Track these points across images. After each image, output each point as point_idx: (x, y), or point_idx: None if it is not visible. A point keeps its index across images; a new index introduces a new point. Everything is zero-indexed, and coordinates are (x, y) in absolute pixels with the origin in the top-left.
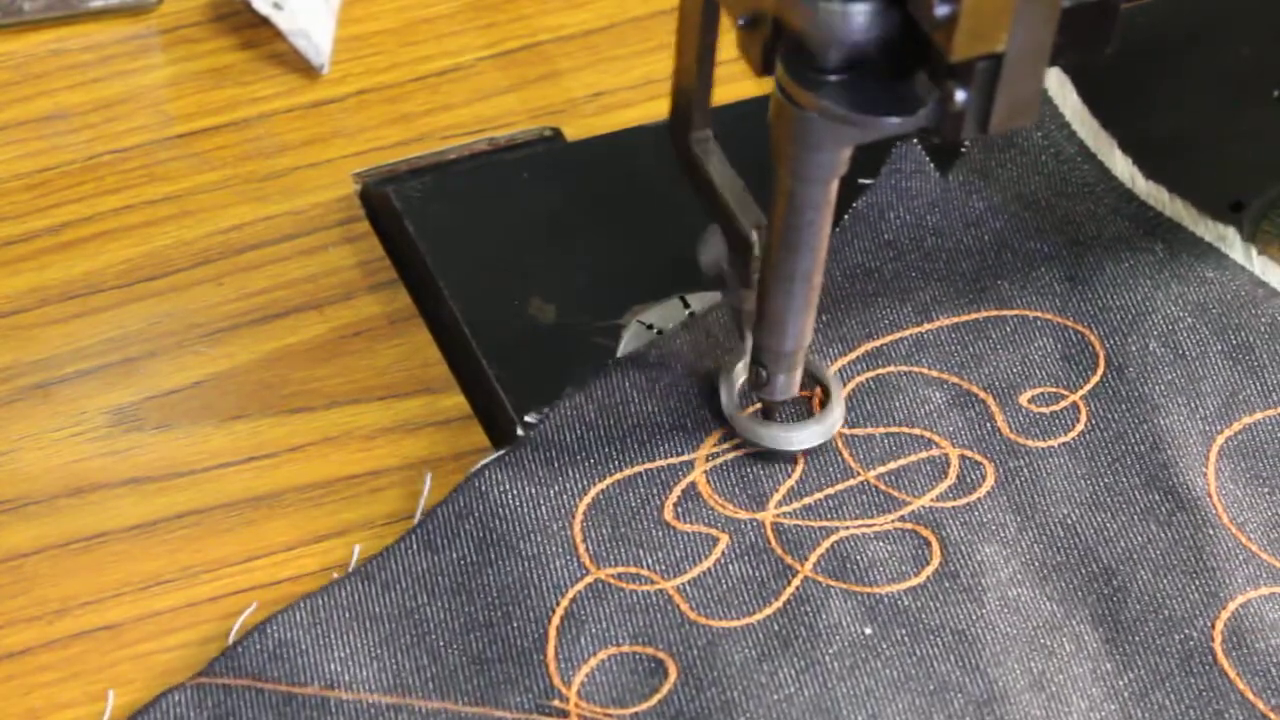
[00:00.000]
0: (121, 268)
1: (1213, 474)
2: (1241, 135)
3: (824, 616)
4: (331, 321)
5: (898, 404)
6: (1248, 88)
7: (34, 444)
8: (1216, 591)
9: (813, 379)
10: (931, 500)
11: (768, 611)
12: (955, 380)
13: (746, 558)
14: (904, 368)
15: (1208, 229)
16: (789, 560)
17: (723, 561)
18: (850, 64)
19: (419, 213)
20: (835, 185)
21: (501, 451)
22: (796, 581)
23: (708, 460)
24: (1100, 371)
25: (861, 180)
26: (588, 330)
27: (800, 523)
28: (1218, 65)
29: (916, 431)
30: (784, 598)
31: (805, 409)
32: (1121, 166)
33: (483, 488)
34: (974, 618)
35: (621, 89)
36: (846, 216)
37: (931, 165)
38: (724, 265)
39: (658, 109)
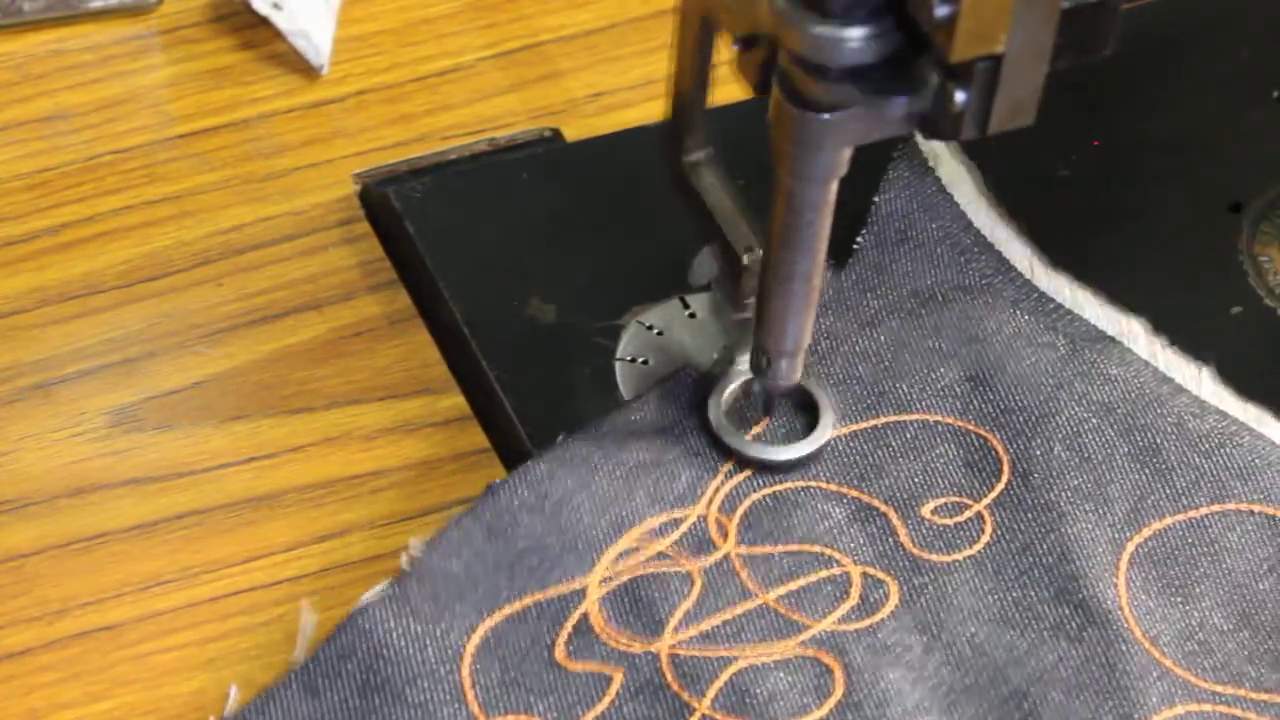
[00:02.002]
0: (121, 268)
1: (1123, 584)
2: (1241, 135)
3: None
4: (331, 322)
5: (796, 521)
6: (1248, 88)
7: (34, 444)
8: (1131, 712)
9: (803, 391)
10: (834, 623)
11: None
12: (855, 494)
13: (641, 696)
14: (801, 482)
15: (1111, 321)
16: (686, 696)
17: (617, 703)
18: (849, 69)
19: (419, 213)
20: (835, 186)
21: (385, 585)
22: None
23: (601, 584)
24: (1005, 479)
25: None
26: (588, 330)
27: (698, 653)
28: (1218, 65)
29: (816, 549)
30: None
31: (793, 427)
32: (1020, 257)
33: (366, 626)
34: None
35: (621, 89)
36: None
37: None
38: (717, 284)
39: (658, 109)
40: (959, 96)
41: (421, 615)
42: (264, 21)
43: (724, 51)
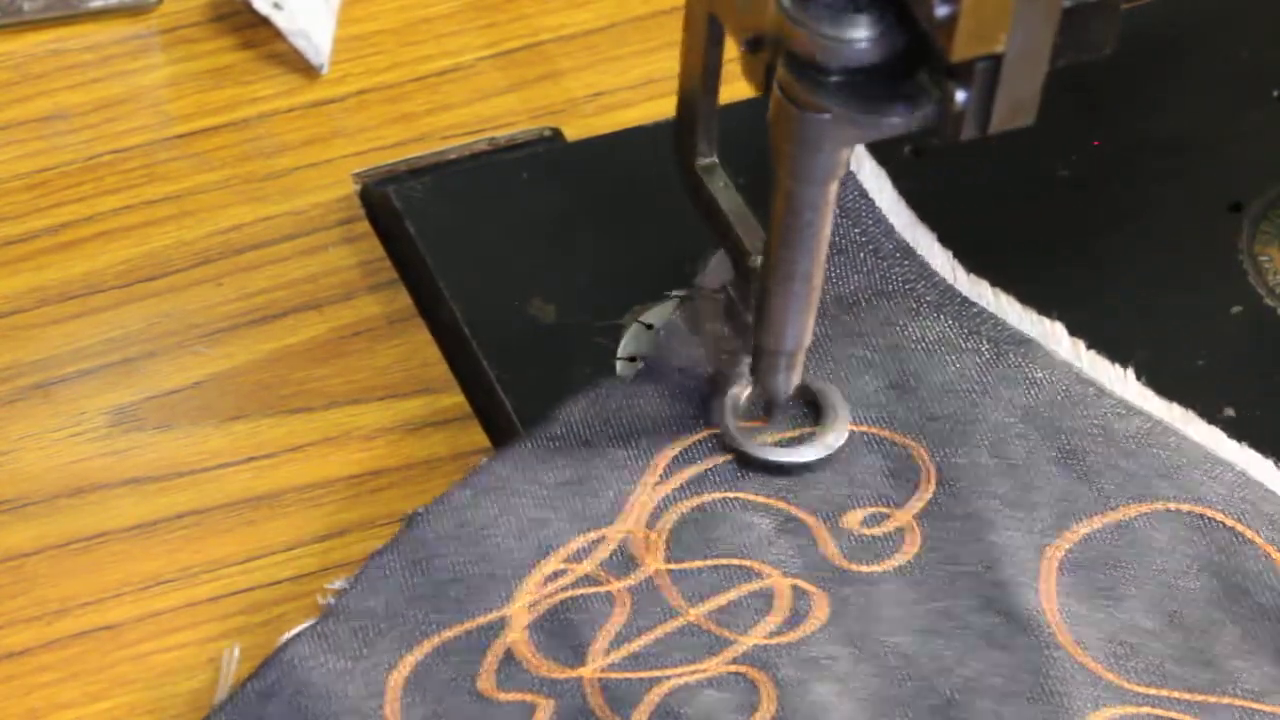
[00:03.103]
0: (121, 268)
1: (1051, 590)
2: (1241, 135)
3: None
4: (331, 321)
5: (722, 534)
6: (1248, 88)
7: (34, 444)
8: (1060, 718)
9: (809, 391)
10: (762, 637)
11: None
12: (781, 505)
13: None
14: (726, 494)
15: (1033, 324)
16: None
17: None
18: (849, 70)
19: (419, 213)
20: (835, 186)
21: (309, 623)
22: None
23: (526, 611)
24: (930, 488)
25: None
26: (588, 330)
27: (625, 675)
28: (1218, 65)
29: (743, 562)
30: None
31: (806, 425)
32: (941, 261)
33: (292, 661)
34: None
35: (621, 89)
36: (659, 333)
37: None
38: (729, 288)
39: (658, 109)
40: (959, 96)
41: (345, 651)
42: (264, 21)
43: (728, 50)
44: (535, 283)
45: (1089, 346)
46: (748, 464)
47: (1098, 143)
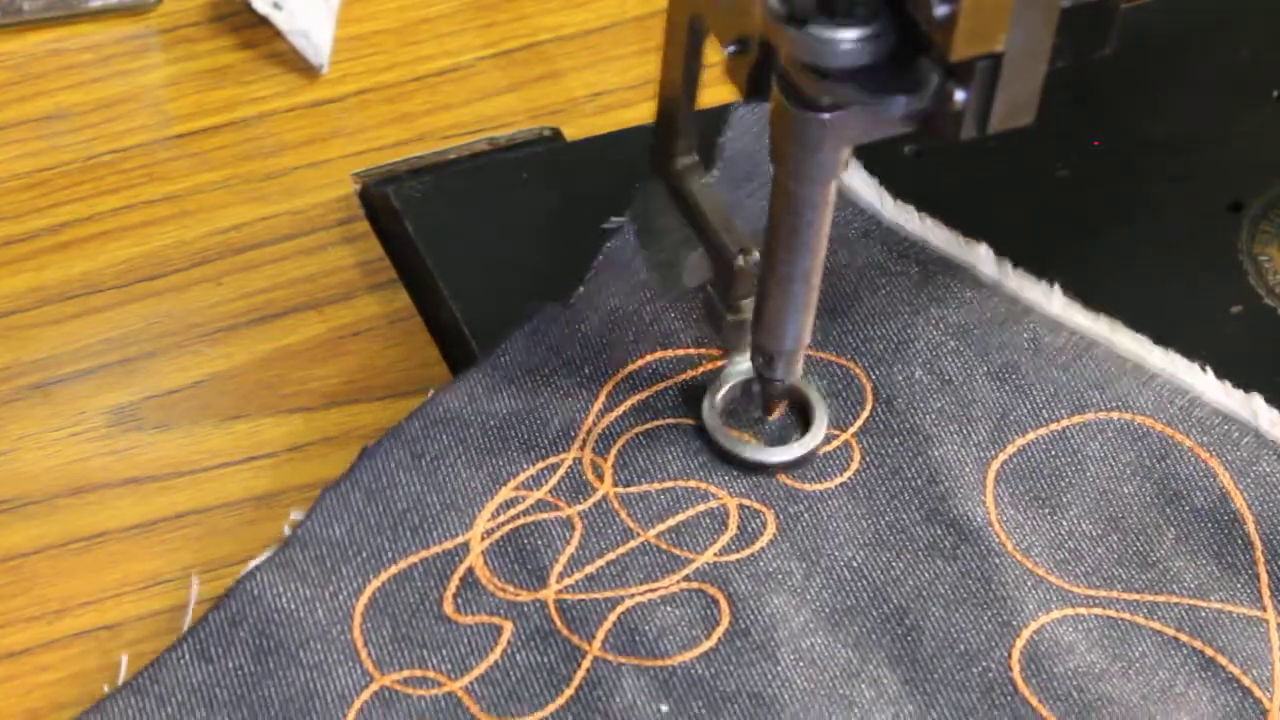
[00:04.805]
0: (121, 268)
1: (991, 501)
2: (1241, 135)
3: (617, 699)
4: (331, 321)
5: (670, 457)
6: (1248, 88)
7: (34, 444)
8: (1009, 620)
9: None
10: (714, 555)
11: (560, 702)
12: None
13: (533, 643)
14: (672, 420)
15: (959, 248)
16: (576, 640)
17: (509, 651)
18: (849, 71)
19: (419, 213)
20: (834, 186)
21: (271, 551)
22: (586, 663)
23: (484, 538)
24: (869, 406)
25: (610, 222)
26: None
27: (584, 596)
28: (1218, 65)
29: (692, 484)
30: (575, 684)
31: (789, 423)
32: (867, 189)
33: (255, 591)
34: (770, 677)
35: (621, 89)
36: (599, 259)
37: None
38: (708, 287)
39: None
40: (959, 96)
41: (309, 579)
42: (264, 21)
43: (710, 54)
44: (535, 283)
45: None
46: (727, 458)
47: (1098, 143)
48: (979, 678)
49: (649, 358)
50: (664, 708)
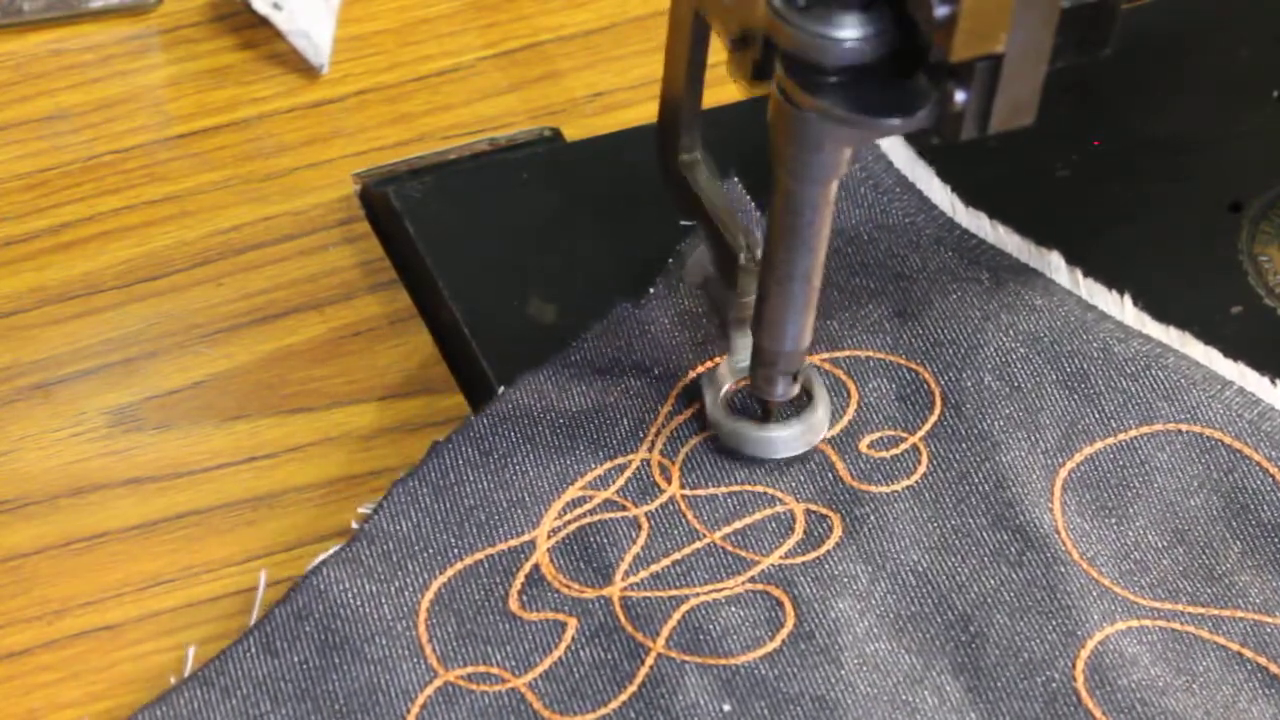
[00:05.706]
0: (121, 268)
1: (1059, 509)
2: (1241, 135)
3: (680, 697)
4: (331, 321)
5: (737, 461)
6: (1248, 88)
7: (34, 444)
8: (1074, 630)
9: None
10: (780, 558)
11: (623, 699)
12: None
13: (597, 640)
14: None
15: (1032, 255)
16: (640, 638)
17: (573, 648)
18: (848, 70)
19: (419, 213)
20: (834, 186)
21: (338, 547)
22: (650, 661)
23: (550, 536)
24: (937, 410)
25: (686, 221)
26: (587, 330)
27: (649, 594)
28: (1218, 65)
29: (759, 488)
30: (638, 680)
31: (790, 412)
32: (941, 195)
33: (321, 586)
34: (833, 680)
35: (621, 89)
36: (671, 260)
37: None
38: (711, 281)
39: (658, 109)
40: (959, 96)
41: (375, 575)
42: (264, 21)
43: (712, 55)
44: (535, 283)
45: None
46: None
47: (1098, 143)
48: (1042, 688)
49: (718, 360)
50: (726, 707)
